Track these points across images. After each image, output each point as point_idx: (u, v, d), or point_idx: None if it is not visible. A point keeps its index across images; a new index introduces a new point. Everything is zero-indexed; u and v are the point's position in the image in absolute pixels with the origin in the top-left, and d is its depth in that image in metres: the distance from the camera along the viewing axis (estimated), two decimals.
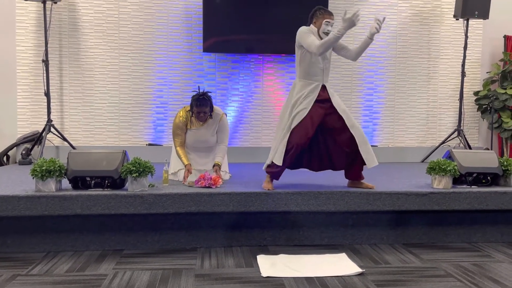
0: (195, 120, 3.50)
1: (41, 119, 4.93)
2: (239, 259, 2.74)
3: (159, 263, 2.65)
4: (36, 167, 2.86)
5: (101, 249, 2.90)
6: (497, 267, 2.66)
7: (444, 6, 5.46)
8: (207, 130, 3.52)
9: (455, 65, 5.50)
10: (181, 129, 3.48)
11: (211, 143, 3.55)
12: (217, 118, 3.53)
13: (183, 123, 3.48)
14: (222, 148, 3.54)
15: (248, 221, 3.01)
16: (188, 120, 3.50)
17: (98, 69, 5.05)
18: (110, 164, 2.96)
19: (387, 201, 3.03)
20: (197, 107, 3.38)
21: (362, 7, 5.33)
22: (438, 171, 3.17)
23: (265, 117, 5.29)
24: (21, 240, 2.86)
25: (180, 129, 3.48)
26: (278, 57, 5.23)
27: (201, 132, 3.51)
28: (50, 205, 2.78)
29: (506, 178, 3.32)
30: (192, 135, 3.51)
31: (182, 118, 3.49)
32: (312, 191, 3.00)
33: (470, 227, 3.18)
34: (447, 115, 5.54)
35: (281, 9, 5.07)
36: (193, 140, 3.51)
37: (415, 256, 2.83)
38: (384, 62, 5.42)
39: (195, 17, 5.13)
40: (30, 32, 4.94)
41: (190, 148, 3.54)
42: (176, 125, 3.49)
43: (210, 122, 3.52)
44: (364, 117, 5.43)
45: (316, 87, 3.04)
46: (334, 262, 2.67)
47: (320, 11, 3.06)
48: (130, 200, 2.84)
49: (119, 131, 5.11)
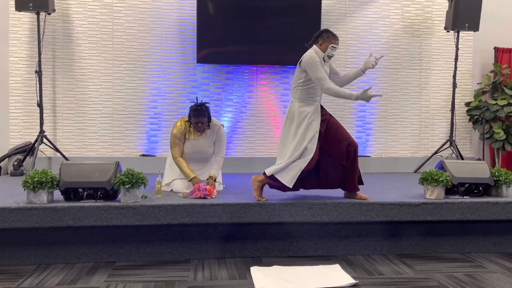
0: (193, 131, 3.52)
1: (34, 130, 4.91)
2: (232, 271, 2.73)
3: (152, 275, 2.63)
4: (27, 179, 2.84)
5: (93, 261, 2.88)
6: (489, 277, 2.66)
7: (435, 19, 5.54)
8: (205, 140, 3.53)
9: (446, 76, 5.57)
10: (179, 139, 3.50)
11: (208, 153, 3.55)
12: (215, 129, 3.56)
13: (181, 133, 3.50)
14: (218, 160, 3.55)
15: (242, 233, 3.01)
16: (186, 131, 3.52)
17: (91, 79, 5.05)
18: (103, 175, 2.95)
19: (380, 211, 3.04)
20: (195, 117, 3.42)
21: (355, 19, 5.39)
22: (431, 181, 3.19)
23: (258, 128, 5.30)
24: (11, 253, 2.82)
25: (179, 139, 3.50)
26: (272, 68, 5.26)
27: (199, 143, 3.52)
28: (41, 217, 2.76)
29: (497, 188, 3.34)
30: (190, 146, 3.52)
31: (181, 128, 3.51)
32: (306, 201, 3.00)
33: (463, 238, 3.19)
34: (439, 126, 5.59)
35: (274, 20, 5.11)
36: (190, 150, 3.52)
37: (408, 267, 2.83)
38: (377, 73, 5.47)
39: (189, 28, 5.16)
40: (23, 43, 4.94)
41: (187, 159, 3.54)
42: (174, 135, 3.50)
43: (208, 132, 3.54)
44: (357, 128, 5.45)
45: (317, 107, 3.11)
46: (328, 273, 2.67)
47: (328, 34, 3.11)
48: (122, 211, 2.83)
49: (112, 141, 5.10)
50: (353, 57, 5.37)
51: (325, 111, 3.17)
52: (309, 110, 3.07)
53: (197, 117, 3.42)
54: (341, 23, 5.38)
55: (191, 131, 3.52)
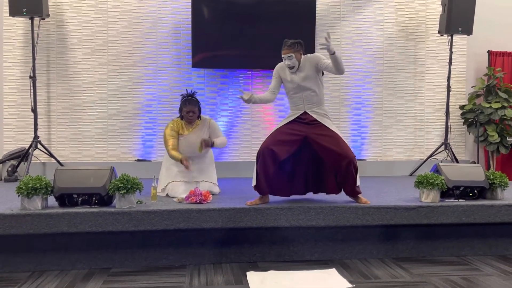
0: (185, 126, 3.59)
1: (28, 136, 4.88)
2: (228, 276, 2.71)
3: (147, 281, 2.61)
4: (21, 185, 2.81)
5: (88, 267, 2.85)
6: (485, 280, 2.67)
7: (429, 23, 5.57)
8: (197, 135, 3.57)
9: (440, 79, 5.59)
10: (172, 134, 3.57)
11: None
12: (206, 123, 3.66)
13: (173, 129, 3.58)
14: (221, 138, 3.64)
15: (238, 237, 2.99)
16: (179, 127, 3.59)
17: (86, 85, 5.03)
18: (98, 180, 2.93)
19: (376, 215, 3.04)
20: (186, 106, 3.55)
21: (349, 23, 5.41)
22: (426, 185, 3.19)
23: (254, 132, 5.30)
24: (5, 259, 2.79)
25: (172, 135, 3.56)
26: (267, 72, 5.27)
27: (192, 138, 3.56)
28: (35, 224, 2.74)
29: (492, 191, 3.35)
30: (184, 141, 3.57)
31: (173, 125, 3.60)
32: (302, 206, 3.00)
33: (459, 241, 3.20)
34: (434, 129, 5.61)
35: (269, 25, 5.12)
36: (184, 147, 3.55)
37: (405, 271, 2.83)
38: (372, 77, 5.49)
39: (184, 33, 5.16)
40: (17, 48, 4.92)
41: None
42: (168, 131, 3.58)
43: (200, 127, 3.61)
44: (353, 131, 5.46)
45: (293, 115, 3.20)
46: (324, 278, 2.66)
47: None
48: (117, 217, 2.81)
49: (107, 147, 5.08)
50: (347, 61, 5.39)
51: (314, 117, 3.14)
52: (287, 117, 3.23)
53: (188, 106, 3.54)
54: (335, 27, 5.40)
55: (184, 127, 3.59)
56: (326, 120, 3.16)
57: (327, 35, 2.86)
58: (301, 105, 3.17)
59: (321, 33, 5.30)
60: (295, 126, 3.14)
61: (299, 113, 3.16)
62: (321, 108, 3.19)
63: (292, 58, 3.10)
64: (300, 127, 3.13)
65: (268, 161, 3.02)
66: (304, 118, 3.15)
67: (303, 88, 3.15)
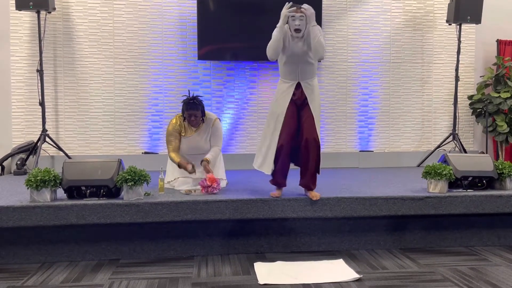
0: (188, 127, 3.51)
1: (36, 129, 4.91)
2: (236, 266, 2.73)
3: (156, 272, 2.64)
4: (31, 177, 2.84)
5: (96, 259, 2.88)
6: (494, 270, 2.66)
7: (437, 12, 5.50)
8: (200, 136, 3.52)
9: (448, 69, 5.53)
10: (174, 136, 3.49)
11: (205, 150, 3.54)
12: (210, 123, 3.54)
13: (176, 130, 3.50)
14: (215, 149, 3.53)
15: (245, 229, 3.00)
16: (182, 127, 3.51)
17: (93, 78, 5.05)
18: (106, 173, 2.95)
19: (383, 206, 3.03)
20: (187, 110, 3.42)
21: (356, 13, 5.36)
22: (434, 175, 3.18)
23: (260, 124, 5.29)
24: (15, 251, 2.83)
25: (173, 136, 3.49)
26: (274, 64, 5.24)
27: (195, 139, 3.51)
28: (45, 216, 2.76)
29: (501, 181, 3.33)
30: (186, 142, 3.51)
31: (175, 125, 3.51)
32: (308, 197, 3.00)
33: (467, 231, 3.18)
34: (442, 120, 5.57)
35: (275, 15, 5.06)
36: (186, 147, 3.51)
37: (412, 261, 2.83)
38: (379, 67, 5.44)
39: (190, 25, 5.14)
40: (24, 42, 4.94)
41: (184, 157, 3.53)
42: (169, 132, 3.50)
43: (203, 128, 3.53)
44: (360, 122, 5.44)
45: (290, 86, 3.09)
46: (332, 268, 2.66)
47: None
48: (125, 209, 2.83)
49: (114, 139, 5.10)
50: (354, 51, 5.35)
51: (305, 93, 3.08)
52: (281, 87, 3.12)
53: (189, 110, 3.40)
54: (342, 17, 5.35)
55: (186, 128, 3.51)
56: (314, 97, 3.08)
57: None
58: (295, 75, 3.08)
59: (327, 24, 5.27)
60: (293, 108, 3.07)
61: (293, 88, 3.07)
62: (313, 80, 3.12)
63: (303, 19, 3.07)
64: (295, 108, 3.08)
65: (285, 159, 3.02)
66: (297, 98, 3.08)
67: (301, 59, 3.06)
